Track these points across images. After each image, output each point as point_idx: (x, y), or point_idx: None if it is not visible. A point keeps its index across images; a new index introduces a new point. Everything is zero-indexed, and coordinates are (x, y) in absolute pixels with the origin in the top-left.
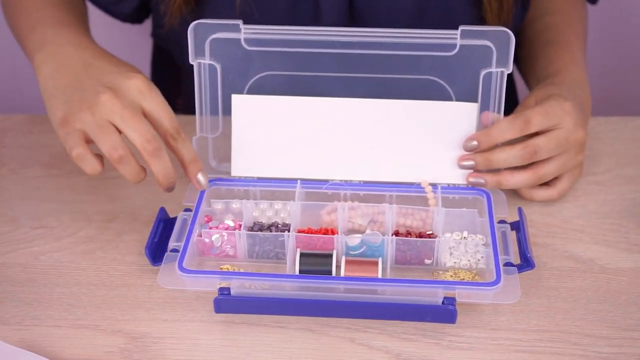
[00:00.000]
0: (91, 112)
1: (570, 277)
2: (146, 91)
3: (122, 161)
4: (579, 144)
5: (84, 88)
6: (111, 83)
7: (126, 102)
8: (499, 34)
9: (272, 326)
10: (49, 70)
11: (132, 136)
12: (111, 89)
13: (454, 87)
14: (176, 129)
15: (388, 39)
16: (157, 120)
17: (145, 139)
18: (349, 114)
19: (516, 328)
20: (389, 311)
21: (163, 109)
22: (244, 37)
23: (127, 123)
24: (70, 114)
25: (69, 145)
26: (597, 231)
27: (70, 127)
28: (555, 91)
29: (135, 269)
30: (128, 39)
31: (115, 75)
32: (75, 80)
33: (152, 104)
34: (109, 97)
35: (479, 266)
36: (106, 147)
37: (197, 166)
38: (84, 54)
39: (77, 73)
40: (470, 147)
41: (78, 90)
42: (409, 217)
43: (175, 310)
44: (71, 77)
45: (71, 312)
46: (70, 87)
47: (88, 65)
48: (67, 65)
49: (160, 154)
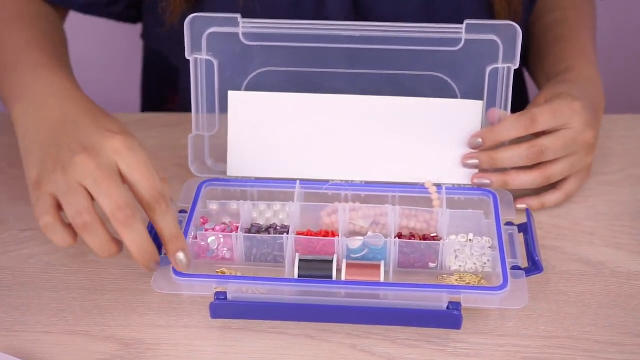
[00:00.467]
0: (63, 173)
1: (580, 281)
2: (125, 151)
3: (86, 229)
4: (588, 145)
5: (59, 145)
6: (87, 141)
7: (101, 163)
8: (505, 28)
9: (270, 332)
10: (28, 123)
11: (102, 201)
12: (87, 148)
13: (459, 83)
14: (155, 197)
15: (390, 34)
16: (135, 185)
17: (115, 205)
18: (350, 112)
19: (524, 334)
20: (392, 316)
21: (143, 172)
22: (242, 31)
23: (98, 186)
24: (43, 176)
25: (37, 213)
26: (607, 233)
27: (42, 191)
28: (565, 90)
29: (129, 273)
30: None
31: (93, 133)
32: (53, 136)
33: (130, 166)
34: (83, 157)
35: (485, 270)
36: (71, 211)
37: (177, 244)
38: (64, 105)
39: (55, 128)
40: (474, 145)
41: (54, 147)
42: (412, 219)
43: (169, 315)
44: (48, 133)
45: (62, 317)
46: (47, 144)
47: (66, 120)
48: (47, 119)
49: (132, 223)
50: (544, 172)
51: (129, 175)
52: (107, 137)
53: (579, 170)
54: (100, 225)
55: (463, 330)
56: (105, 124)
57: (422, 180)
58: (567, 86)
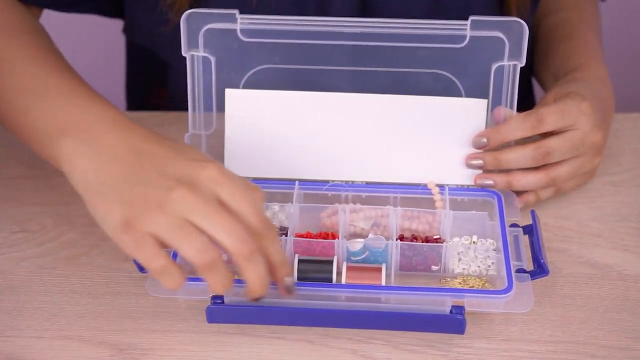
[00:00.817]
0: (163, 212)
1: (587, 285)
2: (223, 180)
3: (213, 267)
4: (596, 147)
5: (144, 183)
6: (180, 174)
7: (206, 196)
8: (511, 24)
9: (268, 337)
10: (87, 161)
11: (220, 237)
12: (182, 181)
13: (464, 81)
14: (264, 223)
15: (392, 30)
16: (241, 214)
17: (238, 239)
18: (351, 110)
19: (529, 339)
20: (394, 321)
21: (246, 198)
22: (240, 27)
23: (211, 221)
24: (135, 216)
25: (146, 256)
26: (615, 235)
27: (138, 232)
28: (574, 89)
29: (123, 276)
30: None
31: (181, 165)
32: (128, 172)
33: (232, 195)
34: (183, 192)
35: (490, 273)
36: (191, 250)
37: (286, 269)
38: (130, 137)
39: (127, 163)
40: (479, 144)
41: (136, 185)
42: (414, 221)
43: (164, 319)
44: (120, 169)
45: (54, 322)
46: (123, 181)
47: (139, 153)
48: (112, 155)
49: (257, 258)
50: (549, 173)
51: (233, 205)
52: (200, 168)
53: (585, 172)
54: (222, 260)
55: (466, 335)
56: (185, 152)
57: (425, 181)
58: (576, 85)
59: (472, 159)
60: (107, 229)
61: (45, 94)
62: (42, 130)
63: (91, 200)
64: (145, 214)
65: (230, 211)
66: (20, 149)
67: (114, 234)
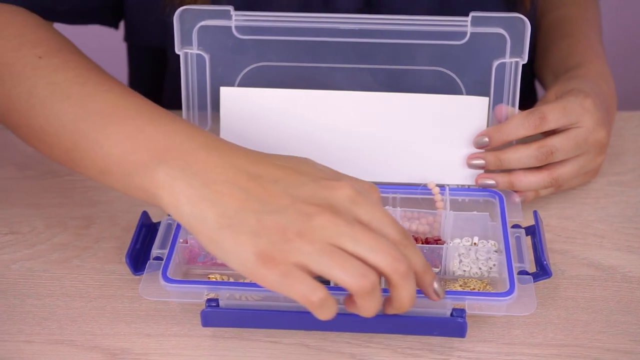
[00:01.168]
0: (308, 240)
1: (591, 287)
2: (358, 198)
3: (372, 292)
4: (599, 145)
5: (277, 211)
6: (315, 198)
7: (347, 218)
8: (513, 20)
9: (264, 341)
10: (194, 191)
11: (375, 259)
12: (322, 206)
13: (464, 79)
14: (404, 234)
15: (391, 27)
16: (382, 229)
17: (394, 258)
18: (349, 109)
19: (531, 342)
20: (393, 324)
21: (383, 213)
22: (235, 24)
23: (362, 243)
24: (274, 248)
25: (301, 290)
26: (619, 236)
27: (282, 265)
28: (577, 86)
29: (115, 279)
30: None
31: (314, 187)
32: (251, 200)
33: (370, 212)
34: (327, 218)
35: (491, 275)
36: (348, 276)
37: (432, 274)
38: (235, 161)
39: (247, 191)
40: (480, 144)
41: (268, 214)
42: (414, 222)
43: (158, 323)
44: (241, 198)
45: (45, 326)
46: (248, 211)
47: (255, 178)
48: (224, 182)
49: (412, 274)
50: (551, 173)
51: (373, 222)
52: (334, 188)
53: (588, 171)
54: (379, 284)
55: (467, 339)
56: (307, 171)
57: (425, 181)
58: (578, 82)
59: (473, 158)
60: (240, 265)
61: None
62: (123, 160)
63: (211, 235)
64: (285, 244)
65: (373, 229)
66: (11, 150)
67: (251, 270)
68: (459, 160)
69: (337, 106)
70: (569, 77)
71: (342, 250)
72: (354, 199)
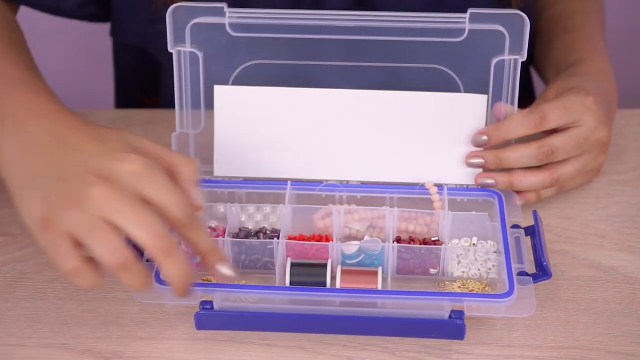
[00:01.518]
0: (80, 210)
1: (591, 288)
2: (145, 172)
3: (126, 268)
4: (601, 144)
5: (65, 177)
6: (101, 169)
7: (124, 193)
8: (511, 17)
9: (259, 344)
10: (15, 153)
11: (136, 233)
12: (101, 177)
13: (463, 76)
14: (188, 214)
15: (388, 24)
16: (164, 207)
17: (153, 234)
18: (345, 107)
19: (531, 344)
20: (390, 326)
21: (169, 191)
22: (228, 21)
23: (127, 218)
24: (52, 213)
25: (58, 257)
26: (620, 236)
27: (55, 231)
28: (578, 83)
29: (108, 281)
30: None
31: (104, 158)
32: (52, 166)
33: (154, 189)
34: (101, 189)
35: (490, 276)
36: (103, 252)
37: (218, 256)
38: (57, 128)
39: (52, 157)
40: (479, 142)
41: (58, 180)
42: (411, 222)
43: (152, 326)
44: (45, 163)
45: (36, 329)
46: (46, 176)
47: (64, 145)
48: (38, 146)
49: (175, 252)
50: (552, 173)
51: (156, 198)
52: (121, 161)
53: (589, 170)
54: (137, 260)
55: (466, 341)
56: (110, 143)
57: (422, 180)
58: (579, 79)
59: (472, 157)
60: (27, 224)
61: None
62: None
63: (16, 194)
64: (61, 211)
65: (153, 205)
66: None
67: (32, 229)
68: (457, 159)
69: (333, 104)
70: (570, 74)
71: (110, 224)
72: (140, 173)
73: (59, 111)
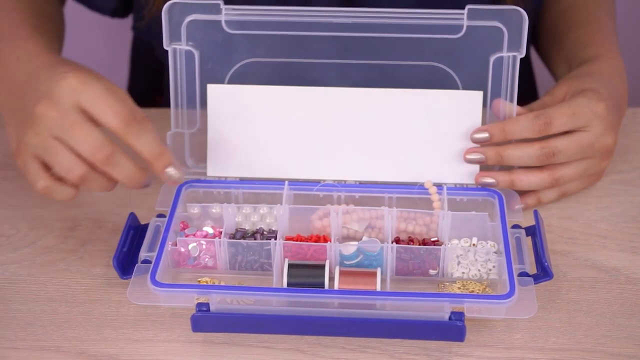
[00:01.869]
0: (33, 132)
1: (593, 289)
2: (81, 87)
3: (86, 180)
4: (605, 151)
5: (25, 106)
6: (43, 90)
7: (63, 109)
8: (510, 13)
9: (257, 346)
10: (3, 97)
11: (78, 148)
12: (44, 97)
13: (461, 74)
14: (125, 120)
15: (385, 21)
16: (101, 117)
17: (92, 147)
18: (342, 105)
19: (532, 346)
20: (390, 328)
21: (105, 100)
22: (225, 18)
23: (69, 134)
24: (19, 141)
25: (30, 179)
26: (623, 237)
27: (23, 156)
28: (590, 85)
29: (102, 283)
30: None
31: (48, 81)
32: (20, 100)
33: (90, 100)
34: (43, 108)
35: (491, 277)
36: (61, 170)
37: (163, 161)
38: (29, 65)
39: (22, 92)
40: (479, 140)
41: (21, 110)
42: (410, 222)
43: (147, 329)
44: (17, 98)
45: (30, 331)
46: (16, 108)
47: (30, 78)
48: (15, 85)
49: (115, 160)
50: (552, 173)
51: (92, 109)
52: (60, 79)
53: (591, 174)
54: (93, 170)
55: (466, 343)
56: (59, 67)
57: (421, 180)
58: (593, 80)
59: (471, 152)
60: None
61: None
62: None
63: (6, 129)
64: (24, 137)
65: (92, 117)
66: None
67: (15, 160)
68: (455, 158)
69: (330, 103)
70: (583, 73)
71: (57, 140)
72: (76, 88)
73: (40, 53)
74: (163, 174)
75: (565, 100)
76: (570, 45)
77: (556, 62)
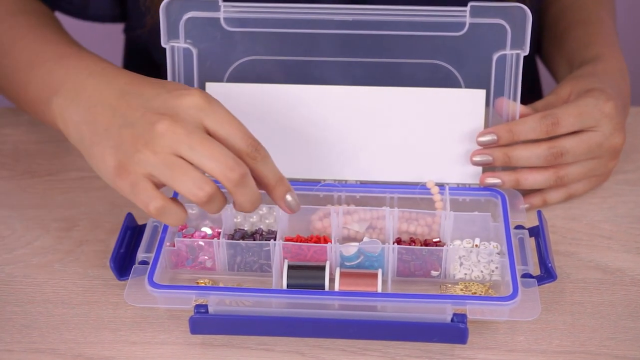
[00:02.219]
0: (151, 149)
1: (598, 290)
2: (206, 106)
3: (212, 200)
4: (613, 151)
5: (129, 123)
6: (163, 107)
7: (189, 126)
8: (513, 10)
9: (256, 349)
10: (78, 115)
11: (209, 166)
12: (165, 114)
13: (463, 72)
14: (253, 145)
15: (386, 18)
16: (228, 139)
17: (226, 166)
18: (343, 104)
19: (536, 349)
20: (391, 330)
21: (231, 122)
22: (223, 16)
23: (198, 151)
24: (126, 159)
25: (142, 200)
26: (628, 237)
27: (132, 175)
28: (597, 85)
29: (99, 284)
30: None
31: (163, 97)
32: (115, 117)
33: (217, 120)
34: (167, 125)
35: (493, 278)
36: (188, 188)
37: (284, 187)
38: (115, 82)
39: (115, 108)
40: (486, 142)
41: (123, 127)
42: (412, 223)
43: (144, 331)
44: (109, 116)
45: (25, 334)
46: (111, 127)
47: (123, 95)
48: (100, 103)
49: (247, 181)
50: (557, 171)
51: (219, 130)
52: (182, 96)
53: (597, 174)
54: (220, 191)
55: (469, 345)
56: (167, 85)
57: (423, 180)
58: (599, 80)
59: (478, 155)
60: (104, 178)
61: (39, 64)
62: (38, 98)
63: (87, 153)
64: (134, 155)
65: (216, 138)
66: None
67: (110, 179)
68: (457, 157)
69: (331, 101)
70: (587, 73)
71: (183, 159)
72: (201, 107)
73: (114, 68)
74: (282, 201)
75: (570, 100)
76: (571, 44)
77: (556, 60)
